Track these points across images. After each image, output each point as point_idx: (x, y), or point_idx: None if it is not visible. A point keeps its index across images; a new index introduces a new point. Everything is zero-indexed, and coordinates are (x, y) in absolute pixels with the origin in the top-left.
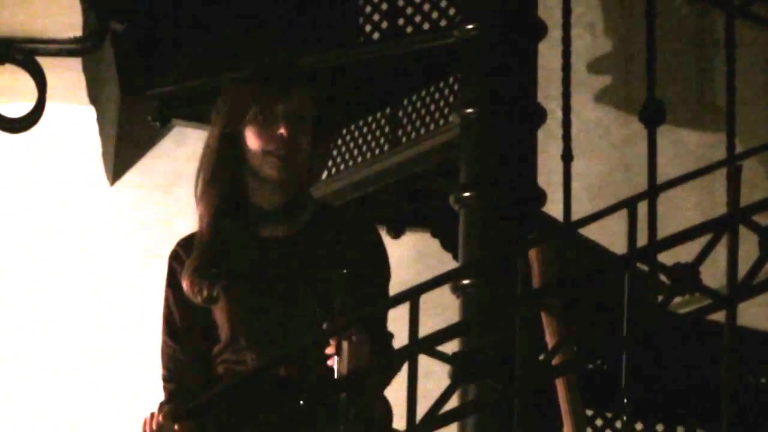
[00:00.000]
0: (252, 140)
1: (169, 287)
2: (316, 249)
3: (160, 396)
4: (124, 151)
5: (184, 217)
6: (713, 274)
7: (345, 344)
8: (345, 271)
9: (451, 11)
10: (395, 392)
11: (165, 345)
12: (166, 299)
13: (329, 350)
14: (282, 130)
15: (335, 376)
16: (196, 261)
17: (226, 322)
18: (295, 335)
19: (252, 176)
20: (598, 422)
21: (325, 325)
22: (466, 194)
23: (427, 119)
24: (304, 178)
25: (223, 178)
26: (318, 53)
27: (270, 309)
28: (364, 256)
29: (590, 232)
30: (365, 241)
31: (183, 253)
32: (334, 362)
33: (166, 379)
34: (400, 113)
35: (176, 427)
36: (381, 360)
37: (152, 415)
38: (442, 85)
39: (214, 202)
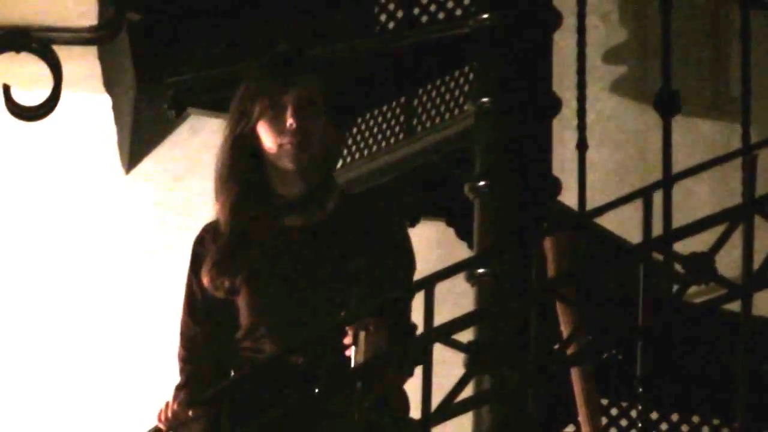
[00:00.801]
0: (265, 135)
1: (191, 270)
2: (339, 238)
3: (175, 382)
4: (139, 139)
5: (200, 205)
6: (728, 263)
7: (362, 334)
8: (365, 261)
9: (466, 1)
10: (410, 382)
11: (185, 326)
12: (189, 281)
13: (346, 340)
14: (291, 121)
15: (352, 366)
16: (216, 257)
17: (247, 310)
18: (315, 324)
19: (272, 168)
20: (613, 411)
21: (342, 315)
22: (481, 183)
23: (442, 108)
24: (323, 163)
25: (237, 177)
26: (333, 43)
27: (291, 298)
28: (388, 246)
29: (605, 221)
30: (390, 231)
31: (208, 237)
32: (351, 352)
33: (185, 360)
34: (415, 102)
35: (191, 413)
36: (397, 350)
37: (167, 404)
38: (457, 74)
39: (229, 200)
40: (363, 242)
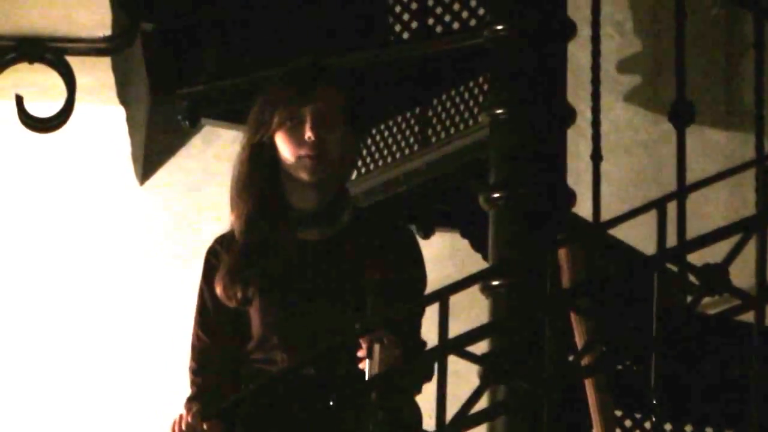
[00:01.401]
0: (283, 146)
1: (204, 281)
2: (352, 253)
3: (187, 393)
4: (153, 151)
5: (214, 217)
6: (742, 274)
7: (376, 347)
8: (380, 275)
9: (481, 11)
10: (424, 393)
11: (196, 338)
12: (201, 293)
13: (360, 353)
14: (310, 134)
15: (366, 378)
16: (229, 266)
17: (259, 321)
18: (327, 337)
19: (288, 179)
20: (627, 423)
21: (357, 327)
22: (496, 194)
23: (457, 119)
24: (339, 175)
25: (254, 188)
26: (348, 53)
27: (303, 310)
28: (400, 261)
29: (620, 232)
30: (402, 246)
31: (221, 249)
32: (365, 364)
33: (195, 373)
34: (430, 113)
35: (205, 426)
36: (411, 362)
37: (181, 416)
38: (471, 84)
39: (245, 211)
40: (377, 256)
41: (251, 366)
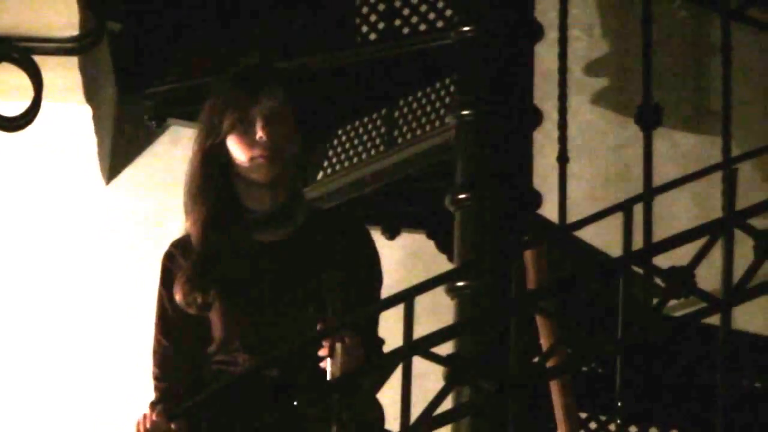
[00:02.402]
0: (235, 149)
1: (163, 287)
2: (309, 253)
3: (151, 395)
4: (119, 150)
5: (179, 216)
6: (708, 277)
7: (338, 346)
8: (337, 274)
9: (448, 12)
10: (388, 394)
11: (158, 344)
12: (160, 298)
13: (322, 352)
14: (261, 134)
15: (328, 378)
16: (188, 272)
17: (220, 325)
18: (288, 337)
19: (242, 182)
20: (592, 425)
21: (318, 327)
22: (462, 196)
23: (423, 120)
24: (295, 177)
25: (208, 192)
26: (314, 54)
27: (263, 312)
28: (357, 260)
29: (586, 234)
30: (358, 245)
31: (177, 253)
32: (327, 364)
33: (158, 379)
34: (396, 114)
35: (173, 426)
36: (374, 362)
37: (145, 416)
38: (438, 86)
39: (201, 217)
40: (333, 256)
41: (214, 368)
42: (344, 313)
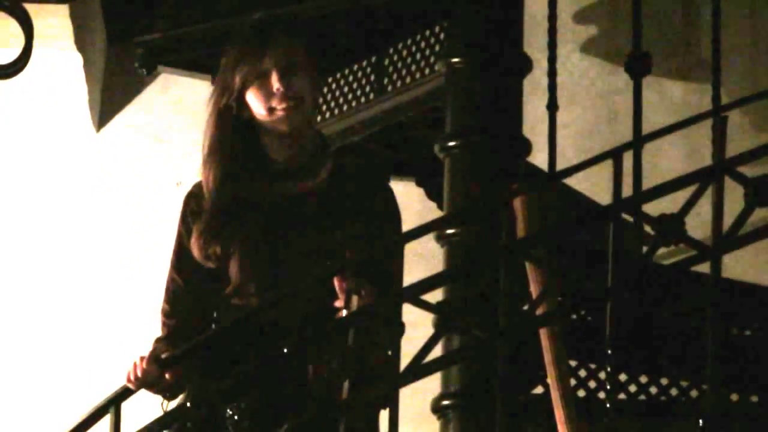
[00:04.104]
0: (254, 102)
1: (182, 224)
2: (330, 206)
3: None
4: (110, 97)
5: (170, 163)
6: (698, 225)
7: (354, 298)
8: (359, 227)
9: None
10: None
11: (171, 280)
12: (179, 236)
13: (338, 303)
14: (278, 85)
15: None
16: (202, 228)
17: (237, 269)
18: (304, 284)
19: (267, 134)
20: (582, 373)
21: (335, 281)
22: (451, 143)
23: (413, 68)
24: (310, 119)
25: (224, 150)
26: (304, 1)
27: (282, 262)
28: (380, 213)
29: (575, 182)
30: (379, 201)
31: (200, 193)
32: (342, 315)
33: (167, 315)
34: (386, 62)
35: (168, 376)
36: (379, 305)
37: (135, 364)
38: (428, 33)
39: (216, 173)
40: (357, 209)
41: (229, 312)
42: (361, 266)
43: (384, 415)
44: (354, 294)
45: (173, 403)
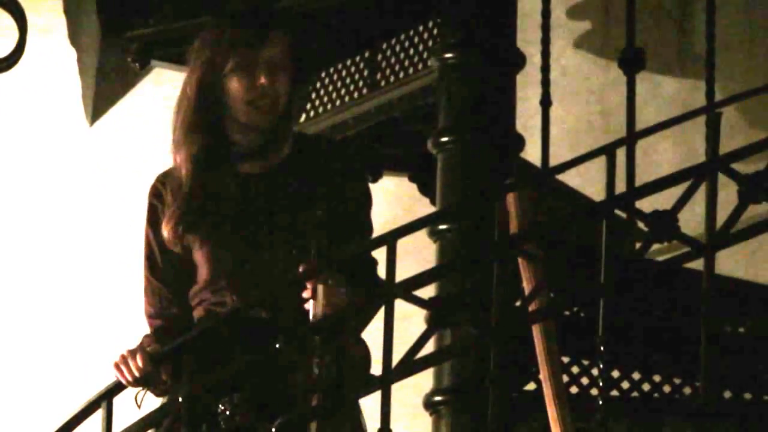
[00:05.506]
0: (234, 89)
1: (149, 225)
2: (296, 184)
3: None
4: (103, 91)
5: (163, 158)
6: (691, 221)
7: (320, 287)
8: (325, 207)
9: None
10: (370, 337)
11: (148, 282)
12: (147, 237)
13: (306, 293)
14: (263, 80)
15: (310, 319)
16: (174, 209)
17: (206, 262)
18: (274, 276)
19: (232, 121)
20: (575, 369)
21: (300, 269)
22: (444, 139)
23: (406, 63)
24: (285, 123)
25: (203, 126)
26: None
27: (250, 249)
28: (343, 185)
29: (568, 178)
30: (346, 175)
31: (162, 188)
32: (309, 306)
33: (151, 316)
34: (379, 57)
35: (164, 376)
36: (356, 303)
37: (123, 357)
38: (421, 28)
39: (193, 151)
40: (320, 188)
41: (200, 306)
42: (329, 251)
43: (376, 411)
44: (320, 283)
45: (150, 397)
